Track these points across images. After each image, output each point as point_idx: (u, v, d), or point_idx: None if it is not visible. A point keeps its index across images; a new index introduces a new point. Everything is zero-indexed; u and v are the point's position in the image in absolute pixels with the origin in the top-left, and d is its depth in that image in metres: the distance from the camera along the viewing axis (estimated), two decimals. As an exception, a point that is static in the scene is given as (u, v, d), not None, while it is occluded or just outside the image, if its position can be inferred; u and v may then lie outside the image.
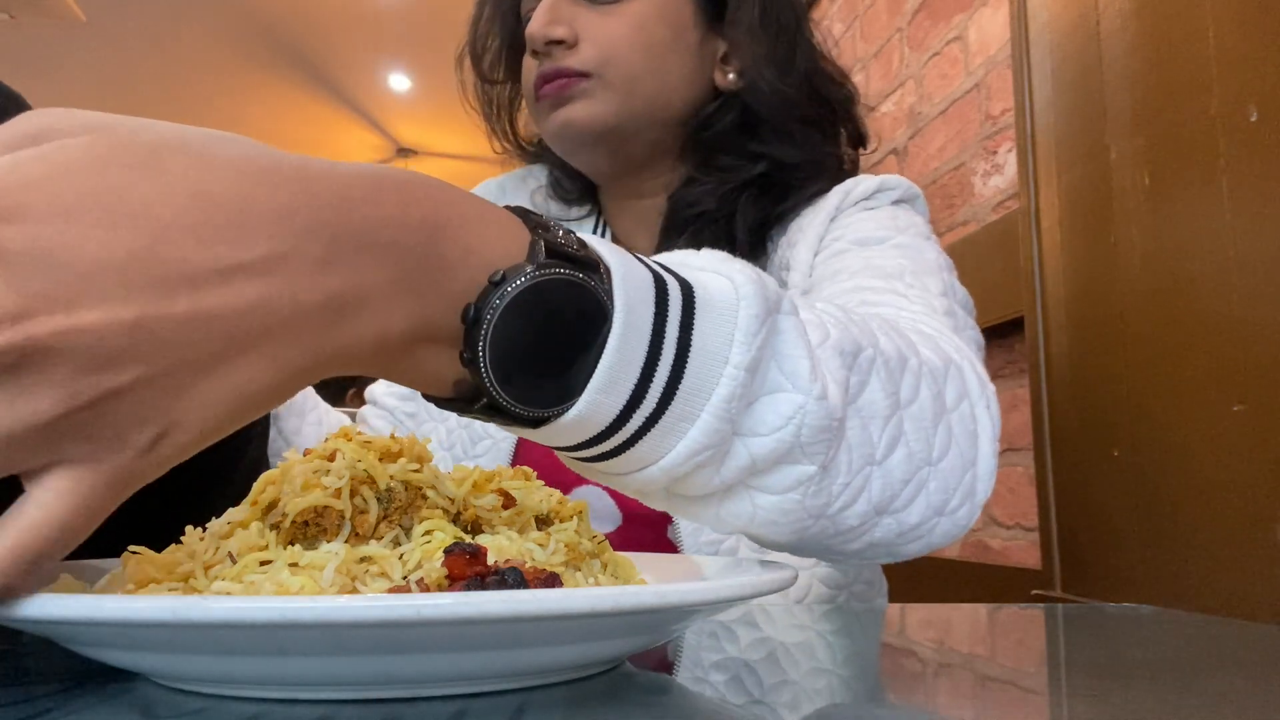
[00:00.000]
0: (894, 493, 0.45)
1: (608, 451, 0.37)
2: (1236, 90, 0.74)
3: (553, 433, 0.35)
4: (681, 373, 0.35)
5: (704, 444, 0.36)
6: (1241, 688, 0.39)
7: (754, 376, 0.36)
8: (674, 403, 0.35)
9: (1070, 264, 1.00)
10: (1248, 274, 0.73)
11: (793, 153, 0.79)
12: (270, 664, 0.31)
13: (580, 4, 0.78)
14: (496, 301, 0.31)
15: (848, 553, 0.48)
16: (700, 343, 0.35)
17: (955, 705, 0.37)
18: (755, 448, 0.38)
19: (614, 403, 0.34)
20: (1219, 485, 0.74)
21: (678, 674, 0.42)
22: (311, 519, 0.37)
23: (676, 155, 0.83)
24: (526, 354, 0.32)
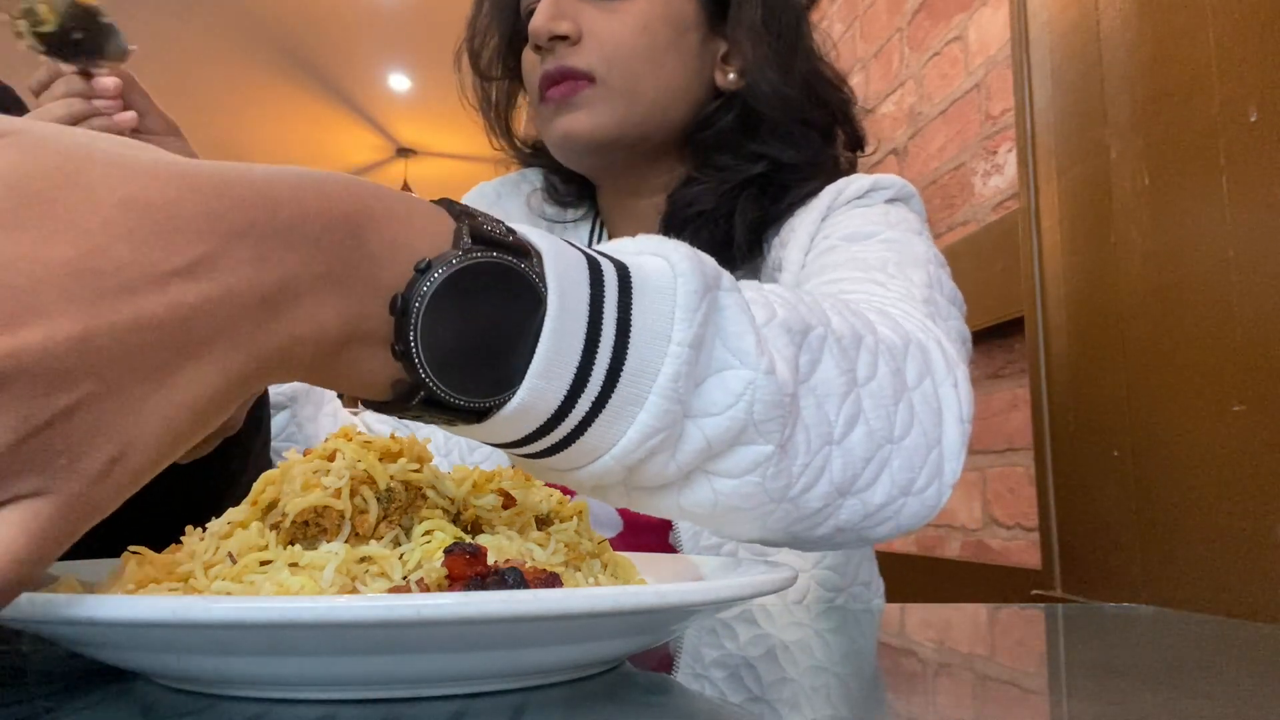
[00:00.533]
0: (856, 472, 0.44)
1: (556, 444, 0.36)
2: (1236, 90, 0.74)
3: (496, 427, 0.34)
4: (624, 354, 0.34)
5: (655, 427, 0.35)
6: (1241, 688, 0.39)
7: (699, 354, 0.36)
8: (619, 386, 0.34)
9: (1070, 264, 1.00)
10: (1248, 274, 0.73)
11: (791, 153, 0.79)
12: (270, 664, 0.31)
13: (583, 1, 0.78)
14: (424, 289, 0.31)
15: (815, 539, 0.47)
16: (640, 322, 0.35)
17: (955, 705, 0.37)
18: (709, 429, 0.37)
19: (556, 389, 0.33)
20: (1219, 485, 0.74)
21: (677, 673, 0.42)
22: (311, 519, 0.37)
23: (676, 155, 0.83)
24: (460, 342, 0.32)
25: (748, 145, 0.79)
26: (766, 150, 0.79)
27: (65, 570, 0.42)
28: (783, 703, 0.36)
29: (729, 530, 0.45)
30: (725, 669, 0.42)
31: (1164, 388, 0.83)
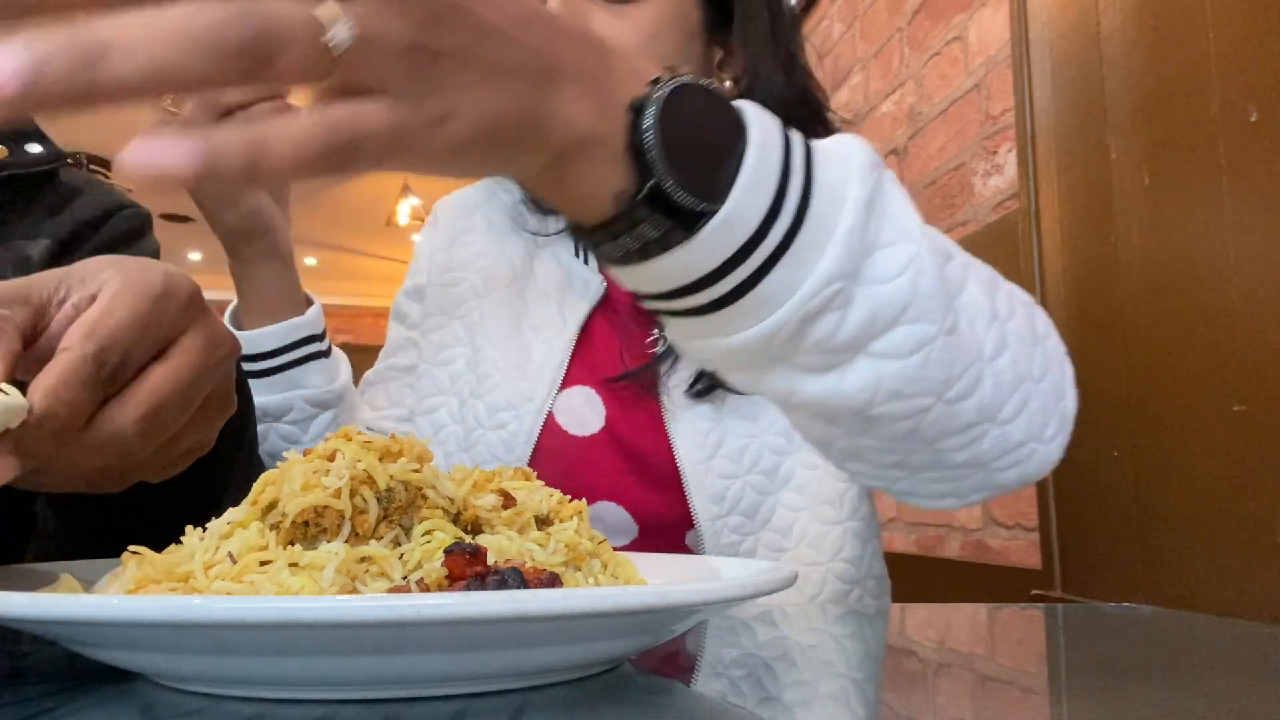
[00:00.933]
0: (1003, 398, 0.47)
1: (743, 283, 0.39)
2: (1236, 90, 0.74)
3: (695, 250, 0.37)
4: (809, 199, 0.38)
5: (832, 273, 0.39)
6: (1241, 688, 0.39)
7: (869, 217, 0.40)
8: (803, 229, 0.38)
9: (1070, 264, 1.00)
10: (1248, 274, 0.73)
11: None
12: (270, 664, 0.31)
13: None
14: (657, 94, 0.36)
15: (954, 463, 0.49)
16: (821, 178, 0.39)
17: (955, 705, 0.37)
18: (876, 297, 0.40)
19: (757, 207, 0.37)
20: (1219, 485, 0.74)
21: (678, 673, 0.42)
22: (311, 519, 0.37)
23: None
24: (684, 141, 0.36)
25: None
26: None
27: (65, 570, 0.42)
28: (782, 703, 0.36)
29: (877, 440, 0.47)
30: (726, 669, 0.42)
31: (1164, 388, 0.83)
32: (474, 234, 0.89)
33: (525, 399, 0.79)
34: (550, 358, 0.80)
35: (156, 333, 0.42)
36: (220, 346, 0.45)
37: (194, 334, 0.43)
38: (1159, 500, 0.82)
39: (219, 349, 0.44)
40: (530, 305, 0.84)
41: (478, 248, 0.89)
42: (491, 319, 0.84)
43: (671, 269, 0.39)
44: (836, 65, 1.94)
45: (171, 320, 0.42)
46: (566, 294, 0.83)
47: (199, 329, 0.44)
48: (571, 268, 0.85)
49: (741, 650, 0.48)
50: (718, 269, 0.38)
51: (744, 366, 0.44)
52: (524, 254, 0.87)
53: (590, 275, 0.84)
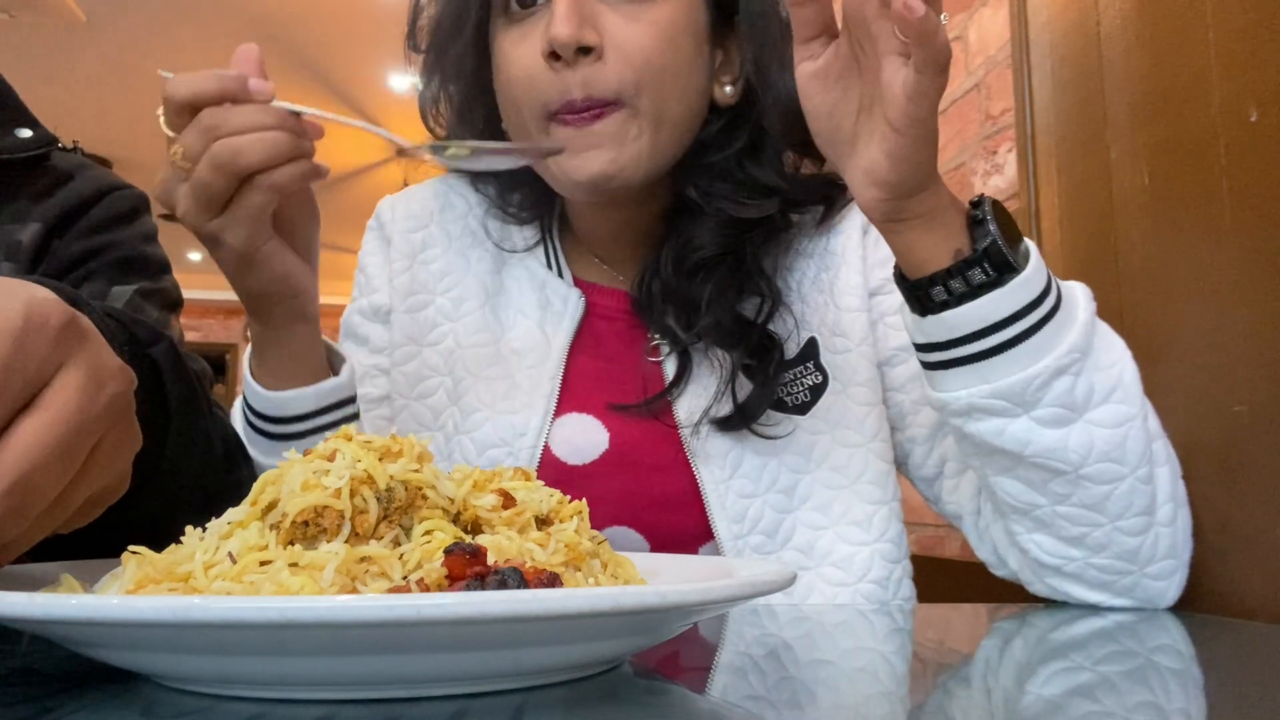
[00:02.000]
0: (1163, 500, 0.62)
1: (1021, 333, 0.57)
2: (1236, 90, 0.74)
3: (1005, 294, 0.57)
4: (1059, 304, 0.59)
5: (1076, 344, 0.58)
6: (1241, 688, 0.39)
7: (1094, 327, 0.61)
8: (1060, 309, 0.59)
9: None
10: (1248, 274, 0.73)
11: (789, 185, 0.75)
12: (270, 664, 0.31)
13: (605, 2, 0.69)
14: (985, 205, 0.59)
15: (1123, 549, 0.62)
16: (1066, 294, 0.61)
17: (956, 705, 0.37)
18: (1096, 375, 0.59)
19: (1040, 278, 0.58)
20: (1219, 485, 0.74)
21: (678, 673, 0.42)
22: (311, 519, 0.37)
23: (665, 170, 0.75)
24: (1002, 223, 0.59)
25: (751, 172, 0.74)
26: (768, 180, 0.74)
27: (65, 570, 0.42)
28: (782, 703, 0.36)
29: (1074, 507, 0.61)
30: (726, 669, 0.42)
31: (1164, 388, 0.83)
32: (433, 249, 0.82)
33: (517, 434, 0.74)
34: (539, 386, 0.75)
35: (22, 378, 0.35)
36: (107, 383, 0.38)
37: (71, 371, 0.37)
38: (1159, 500, 0.82)
39: (105, 386, 0.38)
40: (507, 325, 0.78)
41: (439, 265, 0.81)
42: (468, 345, 0.78)
43: (977, 312, 0.57)
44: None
45: (40, 361, 0.36)
46: (546, 312, 0.78)
47: (77, 364, 0.37)
48: (546, 282, 0.79)
49: (742, 650, 0.48)
50: (1009, 316, 0.57)
51: (997, 413, 0.59)
52: (491, 267, 0.81)
53: (568, 290, 0.78)
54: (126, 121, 5.70)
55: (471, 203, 0.84)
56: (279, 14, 4.51)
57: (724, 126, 0.75)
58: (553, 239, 0.81)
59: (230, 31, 4.67)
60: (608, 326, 0.78)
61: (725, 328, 0.72)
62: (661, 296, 0.74)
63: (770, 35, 0.73)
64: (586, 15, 0.67)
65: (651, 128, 0.69)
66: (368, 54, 4.90)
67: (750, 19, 0.73)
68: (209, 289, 9.89)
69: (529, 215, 0.82)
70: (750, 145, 0.74)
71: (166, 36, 4.74)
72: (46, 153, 0.83)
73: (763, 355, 0.72)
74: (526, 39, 0.70)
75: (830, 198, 0.78)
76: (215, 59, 1.64)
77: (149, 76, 5.45)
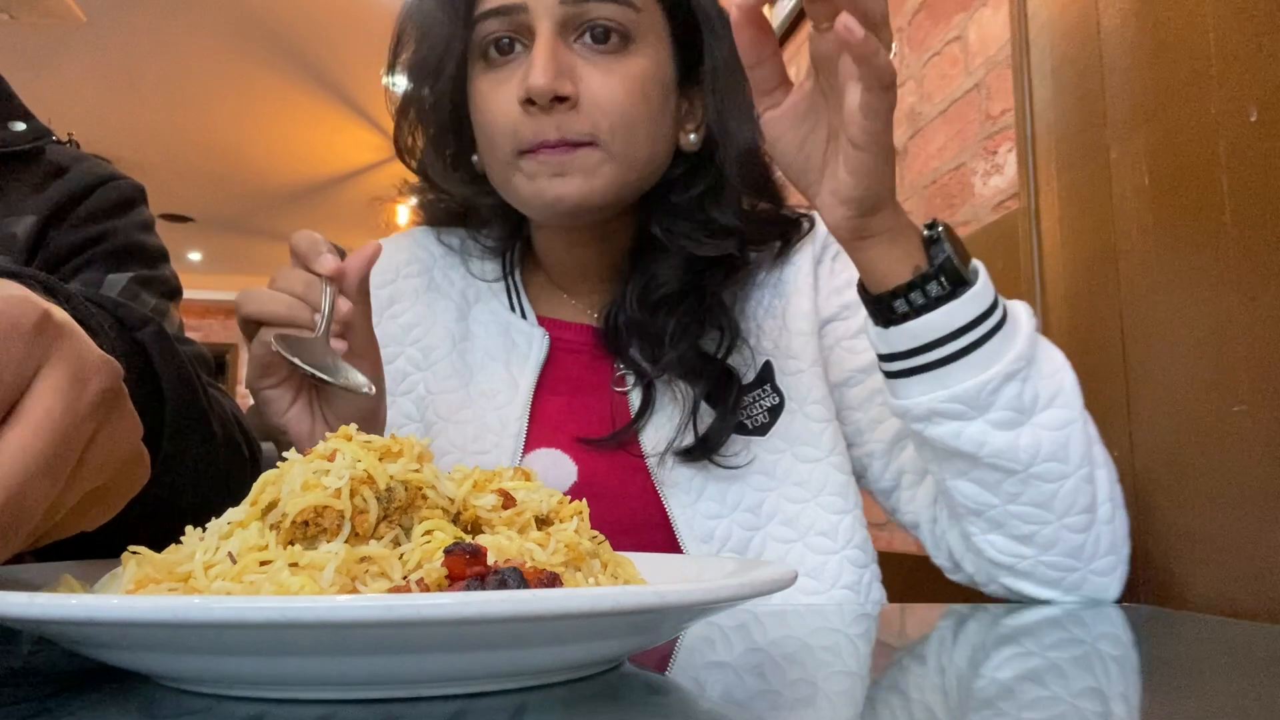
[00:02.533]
0: (1103, 499, 0.67)
1: (973, 342, 0.63)
2: (1236, 90, 0.74)
3: (960, 304, 0.63)
4: (1005, 317, 0.65)
5: (1023, 352, 0.64)
6: (1241, 688, 0.39)
7: (1038, 338, 0.66)
8: (1007, 321, 0.65)
9: (1070, 264, 1.00)
10: (1247, 274, 0.73)
11: (746, 225, 0.79)
12: (270, 664, 0.31)
13: (579, 53, 0.73)
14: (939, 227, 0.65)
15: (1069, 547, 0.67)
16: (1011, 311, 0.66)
17: (955, 705, 0.37)
18: (1040, 382, 0.65)
19: (989, 292, 0.64)
20: (1219, 485, 0.74)
21: (678, 673, 0.42)
22: (311, 519, 0.37)
23: (629, 208, 0.79)
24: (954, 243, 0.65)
25: (711, 213, 0.78)
26: (727, 220, 0.78)
27: (65, 570, 0.42)
28: (783, 702, 0.36)
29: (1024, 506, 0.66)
30: (726, 669, 0.42)
31: (1164, 388, 0.83)
32: (401, 303, 0.85)
33: None
34: (508, 426, 0.78)
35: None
36: (90, 379, 0.36)
37: (51, 373, 0.34)
38: (1159, 500, 0.82)
39: (89, 383, 0.35)
40: (475, 369, 0.81)
41: (407, 318, 0.84)
42: (439, 392, 0.81)
43: (936, 322, 0.63)
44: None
45: (17, 364, 0.33)
46: (511, 354, 0.81)
47: (56, 364, 0.35)
48: (510, 323, 0.82)
49: (741, 650, 0.48)
50: (963, 326, 0.63)
51: (955, 416, 0.65)
52: (456, 315, 0.84)
53: (532, 329, 0.81)
54: (126, 121, 5.70)
55: (436, 255, 0.88)
56: (279, 14, 4.51)
57: (687, 170, 0.80)
58: (514, 279, 0.86)
59: (230, 32, 4.68)
60: (574, 360, 0.82)
61: (688, 362, 0.76)
62: (627, 330, 0.79)
63: (730, 89, 0.77)
64: (563, 67, 0.71)
65: (621, 166, 0.74)
66: (368, 54, 4.90)
67: (713, 73, 0.78)
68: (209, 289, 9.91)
69: (496, 246, 0.87)
70: (711, 188, 0.79)
71: (166, 36, 4.74)
72: (41, 146, 0.83)
73: (723, 387, 0.77)
74: (504, 84, 0.74)
75: (787, 234, 0.83)
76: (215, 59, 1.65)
77: (149, 76, 5.46)
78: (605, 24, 0.73)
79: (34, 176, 0.82)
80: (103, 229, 0.82)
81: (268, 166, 6.47)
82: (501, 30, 0.74)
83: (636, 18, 0.74)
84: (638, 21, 0.74)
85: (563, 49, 0.72)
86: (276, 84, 5.24)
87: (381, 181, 6.55)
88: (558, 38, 0.72)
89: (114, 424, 0.38)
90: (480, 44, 0.75)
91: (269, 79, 5.16)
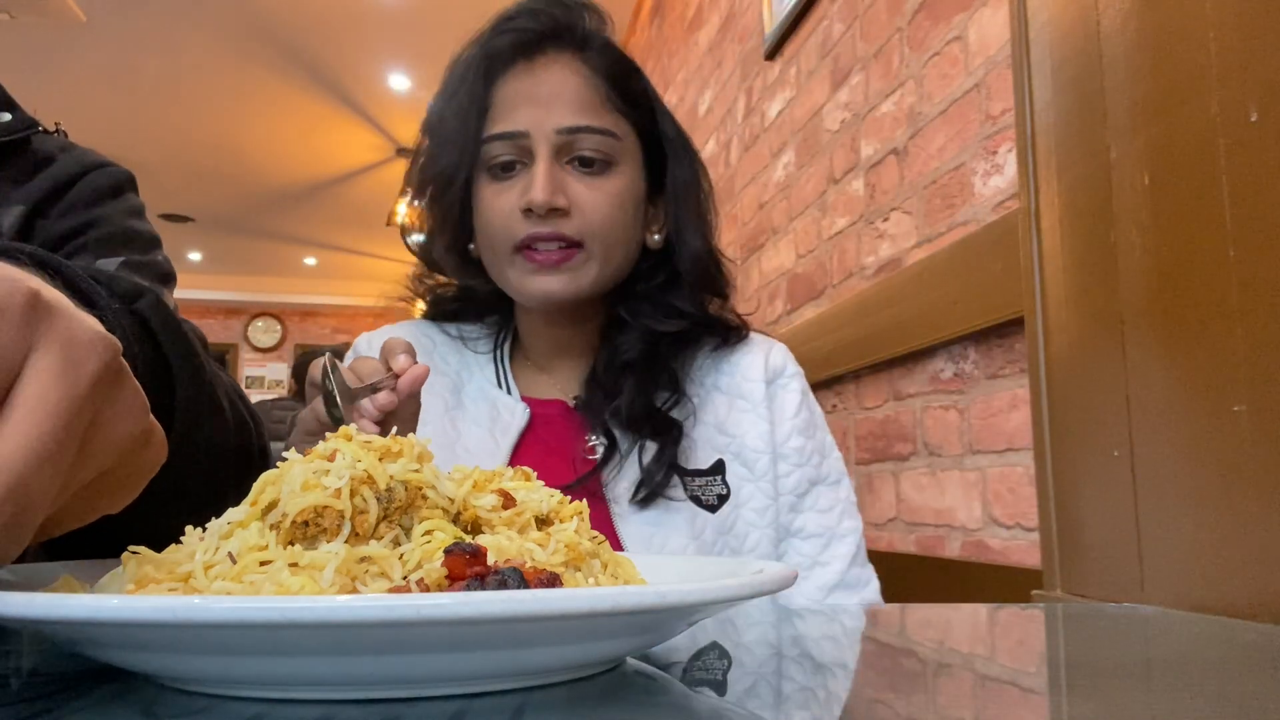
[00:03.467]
0: None
1: None
2: (1236, 90, 0.74)
3: None
4: None
5: None
6: (1241, 688, 0.39)
7: None
8: None
9: (1070, 264, 1.00)
10: (1248, 274, 0.73)
11: (700, 311, 0.96)
12: (270, 664, 0.31)
13: (571, 174, 0.89)
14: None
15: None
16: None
17: (955, 705, 0.37)
18: None
19: None
20: (1219, 485, 0.74)
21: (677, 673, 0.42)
22: (311, 519, 0.37)
23: (602, 295, 0.95)
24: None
25: (669, 299, 0.96)
26: (682, 306, 0.95)
27: (65, 570, 0.42)
28: (783, 703, 0.36)
29: None
30: (726, 669, 0.42)
31: (1164, 388, 0.83)
32: None
33: None
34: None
35: None
36: (86, 359, 0.34)
37: (43, 355, 0.33)
38: (1159, 500, 0.82)
39: (85, 363, 0.34)
40: (463, 434, 0.93)
41: None
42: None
43: None
44: (836, 65, 1.94)
45: (6, 349, 0.32)
46: (495, 423, 0.93)
47: (48, 347, 0.33)
48: (497, 399, 0.95)
49: (742, 650, 0.48)
50: None
51: None
52: (451, 389, 0.97)
53: (515, 404, 0.95)
54: (126, 121, 5.70)
55: (437, 342, 1.02)
56: (280, 14, 4.51)
57: (651, 265, 0.97)
58: (503, 362, 1.00)
59: (231, 32, 4.67)
60: (548, 430, 0.95)
61: (638, 410, 0.90)
62: (599, 392, 0.93)
63: (686, 202, 0.96)
64: (559, 184, 0.88)
65: (600, 265, 0.90)
66: (368, 54, 4.90)
67: (674, 188, 0.96)
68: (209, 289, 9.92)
69: (490, 334, 1.03)
70: (669, 280, 0.97)
71: (166, 36, 4.74)
72: (27, 136, 0.82)
73: (665, 433, 0.90)
74: (505, 194, 0.90)
75: (726, 334, 0.99)
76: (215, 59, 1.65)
77: (149, 76, 5.46)
78: (592, 151, 0.89)
79: (21, 167, 0.81)
80: (91, 216, 0.81)
81: (268, 166, 6.48)
82: (506, 153, 0.90)
83: (617, 145, 0.90)
84: (618, 147, 0.91)
85: (557, 169, 0.88)
86: (277, 84, 5.24)
87: (381, 181, 6.55)
88: (553, 160, 0.88)
89: (117, 403, 0.36)
90: (487, 161, 0.91)
91: (269, 79, 5.16)
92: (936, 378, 1.49)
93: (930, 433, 1.49)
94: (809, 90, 2.07)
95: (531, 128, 0.88)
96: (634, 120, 0.94)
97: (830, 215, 1.91)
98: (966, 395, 1.41)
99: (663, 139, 0.97)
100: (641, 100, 0.95)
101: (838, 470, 0.98)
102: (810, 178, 2.03)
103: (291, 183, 6.78)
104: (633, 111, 0.94)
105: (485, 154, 0.90)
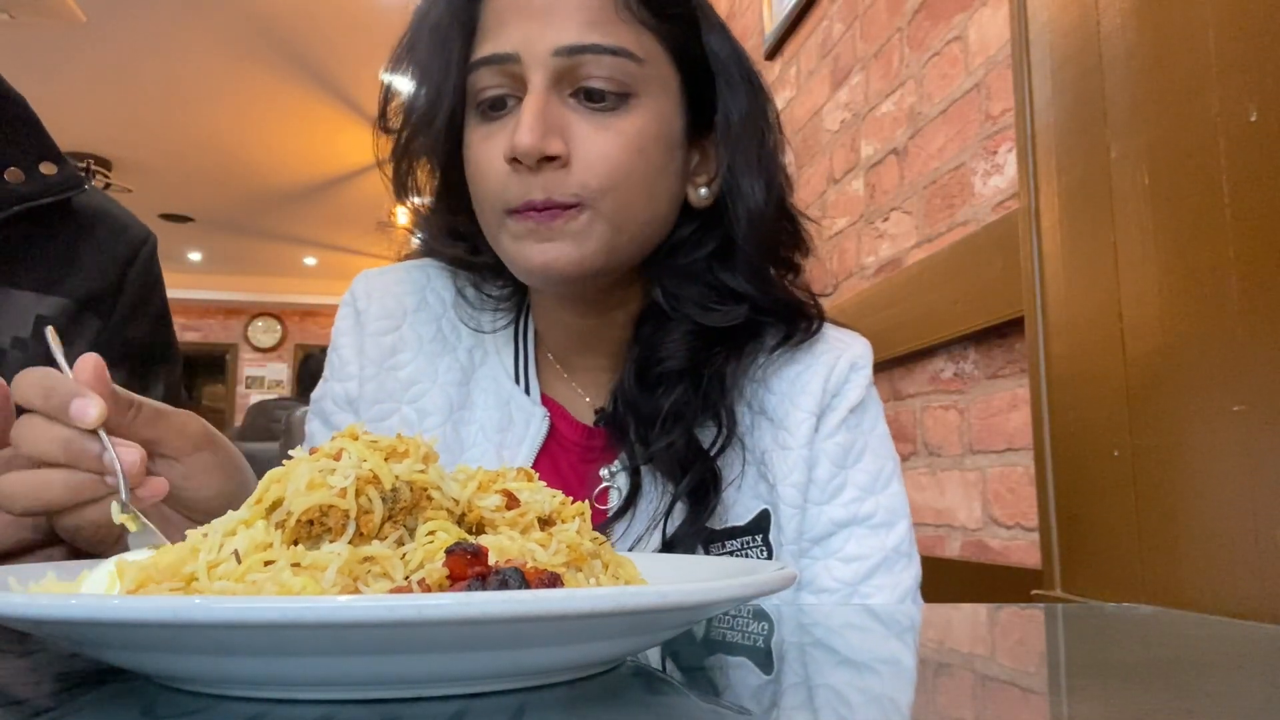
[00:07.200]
0: None
1: None
2: (1236, 90, 0.74)
3: None
4: None
5: None
6: (1241, 688, 0.39)
7: None
8: None
9: (1070, 264, 1.00)
10: (1248, 273, 0.73)
11: (761, 291, 0.74)
12: (270, 664, 0.31)
13: (573, 109, 0.67)
14: None
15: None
16: None
17: (955, 705, 0.37)
18: None
19: None
20: (1219, 485, 0.74)
21: (677, 673, 0.42)
22: (316, 518, 0.37)
23: (634, 273, 0.75)
24: None
25: (720, 277, 0.74)
26: (737, 285, 0.73)
27: (64, 571, 0.42)
28: (784, 702, 0.36)
29: None
30: (726, 669, 0.42)
31: (1164, 388, 0.83)
32: (404, 353, 0.78)
33: None
34: None
35: None
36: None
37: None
38: (1159, 500, 0.82)
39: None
40: (467, 444, 0.75)
41: (408, 372, 0.77)
42: None
43: None
44: (836, 65, 1.94)
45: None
46: (506, 435, 0.75)
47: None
48: (512, 398, 0.76)
49: (742, 650, 0.48)
50: None
51: None
52: (459, 379, 0.77)
53: (533, 408, 0.75)
54: (126, 121, 5.70)
55: (446, 303, 0.80)
56: (279, 14, 4.51)
57: (697, 229, 0.74)
58: (525, 344, 0.79)
59: (230, 32, 4.68)
60: (563, 455, 0.76)
61: (677, 452, 0.71)
62: (628, 411, 0.73)
63: (744, 142, 0.72)
64: (553, 124, 0.66)
65: (612, 230, 0.68)
66: (368, 54, 4.90)
67: (726, 124, 0.72)
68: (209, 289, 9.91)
69: (508, 304, 0.80)
70: (721, 249, 0.74)
71: (166, 36, 4.74)
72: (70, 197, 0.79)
73: (704, 489, 0.71)
74: (493, 138, 0.69)
75: (793, 325, 0.77)
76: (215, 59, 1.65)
77: (149, 76, 5.46)
78: (603, 80, 0.67)
79: (62, 238, 0.79)
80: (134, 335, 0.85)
81: (268, 166, 6.47)
82: (493, 83, 0.69)
83: (639, 70, 0.68)
84: (640, 75, 0.68)
85: (555, 104, 0.67)
86: (276, 84, 5.24)
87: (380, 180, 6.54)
88: (550, 91, 0.67)
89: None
90: (475, 95, 0.70)
91: (269, 79, 5.16)
92: (936, 378, 1.49)
93: (930, 433, 1.49)
94: (809, 90, 2.07)
95: (521, 49, 0.67)
96: (665, 36, 0.70)
97: (830, 215, 1.91)
98: (966, 395, 1.41)
99: (709, 58, 0.73)
100: (677, 6, 0.71)
101: (889, 510, 0.75)
102: (810, 177, 2.04)
103: (291, 183, 6.78)
104: (663, 24, 0.70)
105: (473, 86, 0.70)
